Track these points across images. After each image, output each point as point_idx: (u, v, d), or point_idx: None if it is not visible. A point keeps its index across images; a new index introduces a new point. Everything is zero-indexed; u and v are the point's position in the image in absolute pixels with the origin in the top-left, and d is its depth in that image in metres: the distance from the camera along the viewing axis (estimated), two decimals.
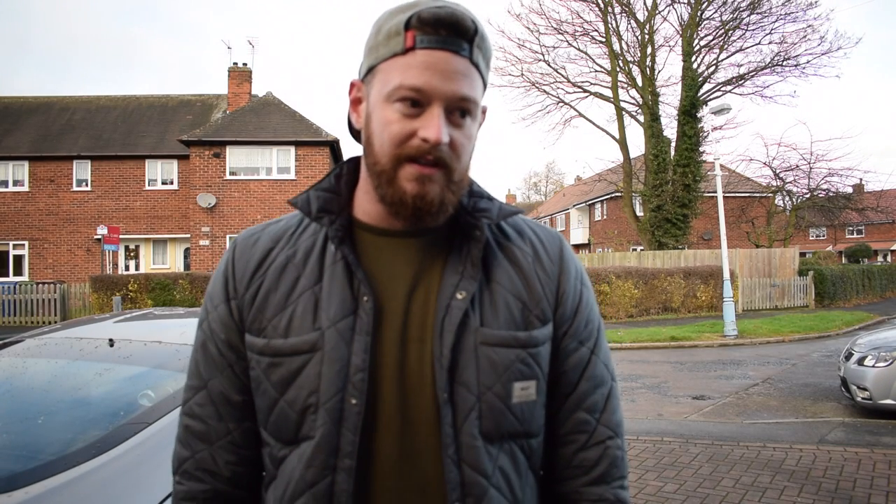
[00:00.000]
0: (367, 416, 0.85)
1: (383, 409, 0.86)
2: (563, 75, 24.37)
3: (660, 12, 23.33)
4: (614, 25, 23.31)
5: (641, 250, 22.58)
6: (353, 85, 0.93)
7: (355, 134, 0.95)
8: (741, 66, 23.18)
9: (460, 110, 0.84)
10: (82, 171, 22.04)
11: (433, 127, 0.81)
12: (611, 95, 23.92)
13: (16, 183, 21.93)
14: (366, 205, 0.92)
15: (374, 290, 0.88)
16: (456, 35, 0.82)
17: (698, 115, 22.21)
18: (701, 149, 22.48)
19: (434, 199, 0.85)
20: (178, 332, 2.43)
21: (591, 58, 24.15)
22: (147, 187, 22.18)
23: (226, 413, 0.94)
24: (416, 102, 0.82)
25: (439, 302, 0.88)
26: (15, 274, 21.52)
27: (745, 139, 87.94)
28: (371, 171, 0.88)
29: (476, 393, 0.86)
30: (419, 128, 0.82)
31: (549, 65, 24.32)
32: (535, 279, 0.94)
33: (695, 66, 22.76)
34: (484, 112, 0.94)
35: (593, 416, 0.96)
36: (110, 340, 2.23)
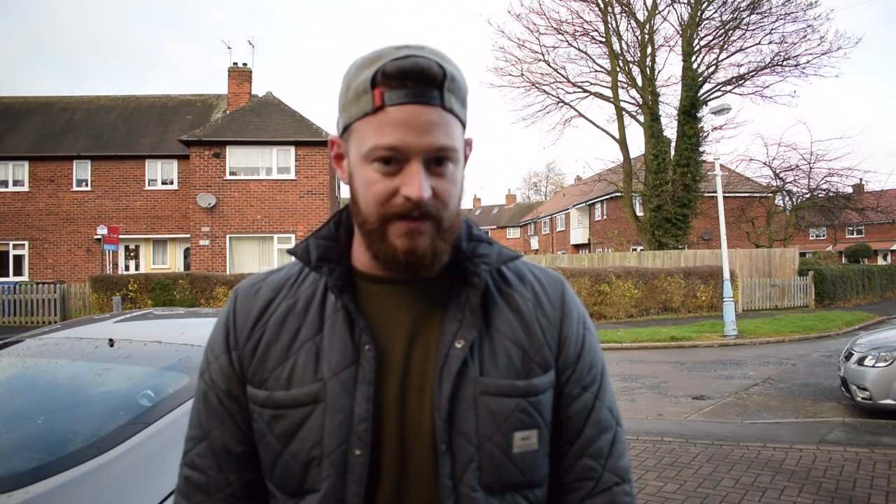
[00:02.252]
0: (371, 466, 0.84)
1: (385, 460, 0.85)
2: (563, 75, 24.41)
3: (660, 12, 23.39)
4: (614, 25, 23.35)
5: (641, 250, 22.58)
6: (332, 142, 0.93)
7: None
8: (741, 66, 23.26)
9: (438, 159, 0.83)
10: (82, 171, 22.03)
11: (414, 184, 0.80)
12: (611, 95, 23.94)
13: (16, 183, 21.91)
14: (361, 255, 0.92)
15: (376, 338, 0.88)
16: (424, 85, 0.81)
17: (698, 115, 22.24)
18: (701, 149, 22.51)
19: (426, 252, 0.84)
20: (178, 332, 2.43)
21: (591, 58, 24.20)
22: (147, 187, 22.17)
23: (226, 464, 0.93)
24: (394, 160, 0.82)
25: (438, 351, 0.87)
26: (15, 274, 21.51)
27: (745, 139, 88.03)
28: (361, 230, 0.89)
29: (475, 443, 0.85)
30: (401, 185, 0.82)
31: (549, 65, 24.37)
32: (537, 325, 0.93)
33: (695, 66, 22.77)
34: (469, 144, 0.93)
35: (599, 462, 0.95)
36: (110, 340, 2.23)
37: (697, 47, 22.81)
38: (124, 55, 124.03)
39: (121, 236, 19.40)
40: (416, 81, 0.80)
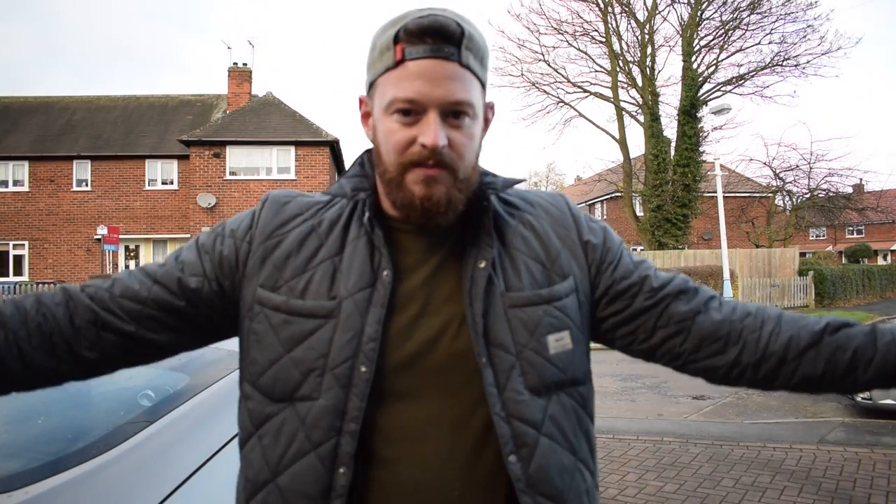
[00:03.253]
0: (378, 384, 0.89)
1: (406, 383, 0.90)
2: (563, 75, 24.39)
3: (660, 12, 23.38)
4: (614, 25, 23.34)
5: (641, 250, 22.58)
6: (360, 101, 0.99)
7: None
8: (741, 66, 23.23)
9: (455, 112, 0.88)
10: (82, 171, 22.04)
11: (430, 133, 0.86)
12: (611, 95, 23.92)
13: (16, 183, 21.93)
14: (386, 202, 0.97)
15: (395, 265, 0.93)
16: (442, 41, 0.86)
17: (698, 115, 22.22)
18: (701, 149, 22.49)
19: (441, 200, 0.89)
20: None
21: (591, 58, 24.18)
22: (147, 187, 22.18)
23: (124, 295, 0.95)
24: (413, 111, 0.87)
25: (464, 274, 0.93)
26: (15, 274, 21.51)
27: (745, 139, 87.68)
28: (382, 180, 0.94)
29: (514, 352, 0.91)
30: (418, 134, 0.87)
31: (549, 65, 24.35)
32: (553, 237, 1.00)
33: (695, 66, 22.76)
34: (492, 108, 0.99)
35: (686, 293, 1.00)
36: None
37: (697, 47, 22.81)
38: (124, 55, 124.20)
39: (121, 236, 19.40)
40: (435, 38, 0.86)
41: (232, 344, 1.08)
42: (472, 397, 0.90)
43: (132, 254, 22.52)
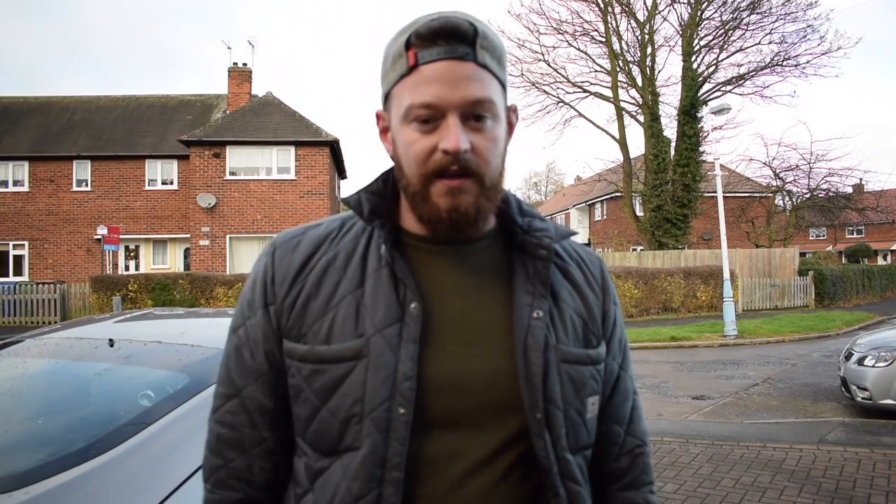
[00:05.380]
0: (417, 424, 0.83)
1: (438, 418, 0.85)
2: (563, 75, 24.40)
3: (660, 12, 23.38)
4: (614, 25, 23.34)
5: (641, 250, 22.57)
6: (378, 116, 0.94)
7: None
8: (741, 66, 23.26)
9: (477, 114, 0.83)
10: (82, 171, 22.03)
11: (451, 137, 0.81)
12: (611, 95, 23.93)
13: (16, 183, 21.91)
14: (409, 217, 0.93)
15: (422, 296, 0.87)
16: (456, 42, 0.82)
17: (698, 115, 22.23)
18: (701, 149, 22.50)
19: (469, 210, 0.85)
20: (178, 332, 2.43)
21: (591, 58, 24.19)
22: (147, 187, 22.16)
23: (260, 421, 0.92)
24: (431, 117, 0.82)
25: (517, 321, 0.88)
26: (15, 274, 21.50)
27: (745, 139, 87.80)
28: (406, 194, 0.89)
29: (562, 409, 0.88)
30: (439, 141, 0.82)
31: (549, 65, 24.36)
32: (590, 299, 0.98)
33: (695, 66, 22.77)
34: (515, 111, 0.94)
35: (622, 427, 1.02)
36: (110, 340, 2.23)
37: (697, 47, 22.81)
38: (136, 56, 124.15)
39: (121, 236, 19.39)
40: (448, 39, 0.82)
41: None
42: (504, 436, 0.86)
43: (132, 254, 22.52)
